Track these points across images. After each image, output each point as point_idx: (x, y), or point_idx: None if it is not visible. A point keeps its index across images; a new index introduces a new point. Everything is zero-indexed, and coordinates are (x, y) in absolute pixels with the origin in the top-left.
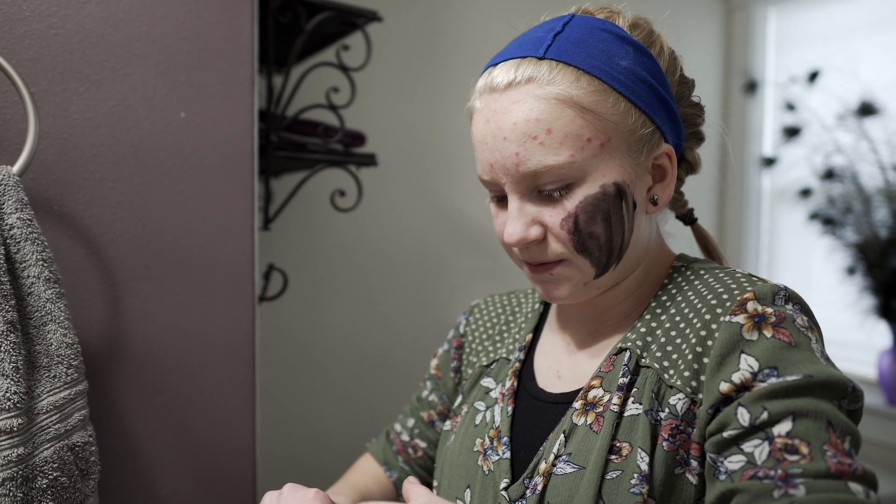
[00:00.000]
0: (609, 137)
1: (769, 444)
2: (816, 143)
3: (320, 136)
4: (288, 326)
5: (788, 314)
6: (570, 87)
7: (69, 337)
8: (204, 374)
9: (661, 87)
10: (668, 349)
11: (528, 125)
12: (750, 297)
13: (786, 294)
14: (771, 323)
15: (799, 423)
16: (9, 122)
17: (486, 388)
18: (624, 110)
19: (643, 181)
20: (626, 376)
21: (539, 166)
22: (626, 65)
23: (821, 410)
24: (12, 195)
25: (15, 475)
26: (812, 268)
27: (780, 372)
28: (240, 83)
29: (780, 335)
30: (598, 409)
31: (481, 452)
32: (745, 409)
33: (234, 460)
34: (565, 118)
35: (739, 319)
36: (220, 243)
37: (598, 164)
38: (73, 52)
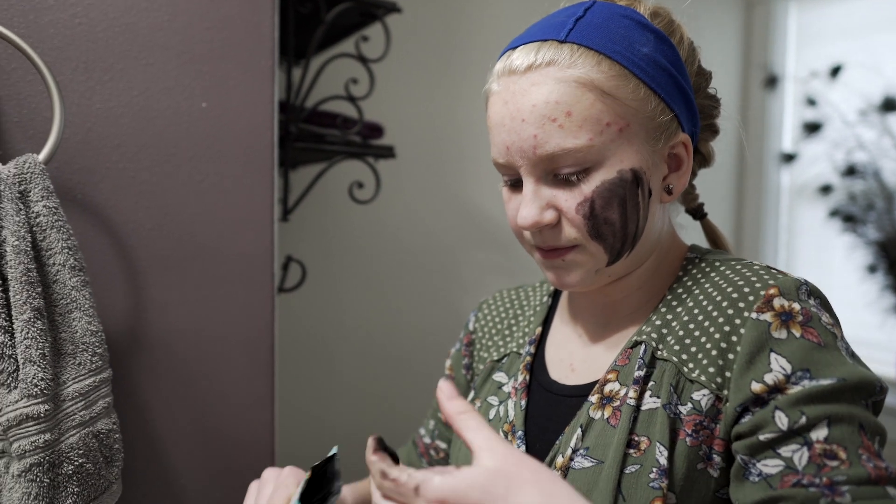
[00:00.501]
0: (628, 123)
1: (808, 449)
2: (837, 139)
3: (339, 128)
4: (306, 317)
5: (814, 312)
6: (591, 71)
7: (94, 325)
8: (223, 363)
9: (681, 76)
10: (686, 342)
11: (548, 107)
12: (775, 292)
13: (807, 288)
14: (799, 322)
15: (835, 428)
16: (34, 111)
17: (498, 383)
18: (644, 96)
19: (659, 169)
20: (641, 369)
21: (557, 149)
22: (647, 51)
23: (853, 414)
24: (39, 183)
25: (42, 461)
26: (832, 266)
27: (813, 374)
28: (260, 74)
29: (809, 335)
30: (614, 403)
31: None
32: (783, 412)
33: (252, 449)
34: (585, 101)
35: (767, 317)
36: (240, 234)
37: (616, 149)
38: (97, 41)
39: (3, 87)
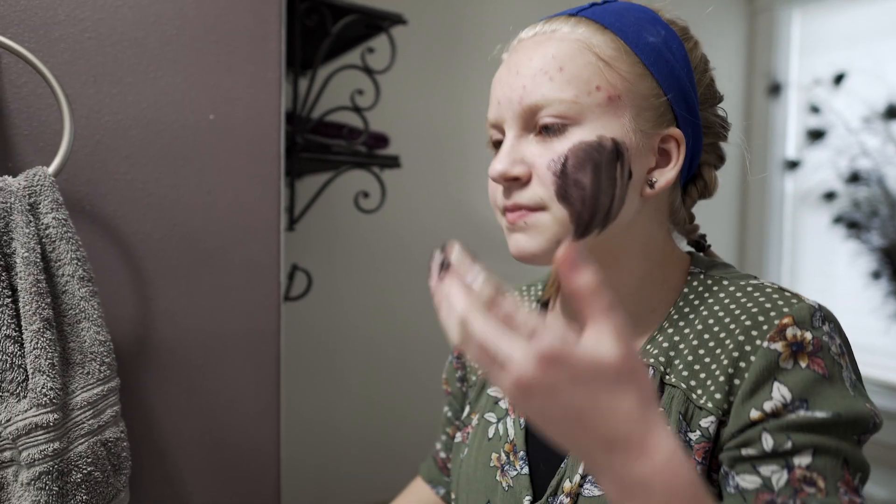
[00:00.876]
0: (619, 94)
1: (788, 472)
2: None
3: (345, 138)
4: (312, 325)
5: (825, 342)
6: (592, 37)
7: (102, 334)
8: (229, 372)
9: (684, 74)
10: (695, 368)
11: (543, 61)
12: (789, 322)
13: (822, 315)
14: (808, 353)
15: (819, 459)
16: (44, 123)
17: (494, 398)
18: (640, 74)
19: (645, 158)
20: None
21: (541, 99)
22: (653, 41)
23: (840, 449)
24: (48, 195)
25: (51, 469)
26: (836, 272)
27: (811, 406)
28: (267, 86)
29: (815, 366)
30: None
31: (499, 468)
32: (770, 435)
33: (258, 457)
34: (580, 61)
35: (778, 347)
36: (247, 244)
37: (601, 115)
38: (106, 55)
39: (13, 100)
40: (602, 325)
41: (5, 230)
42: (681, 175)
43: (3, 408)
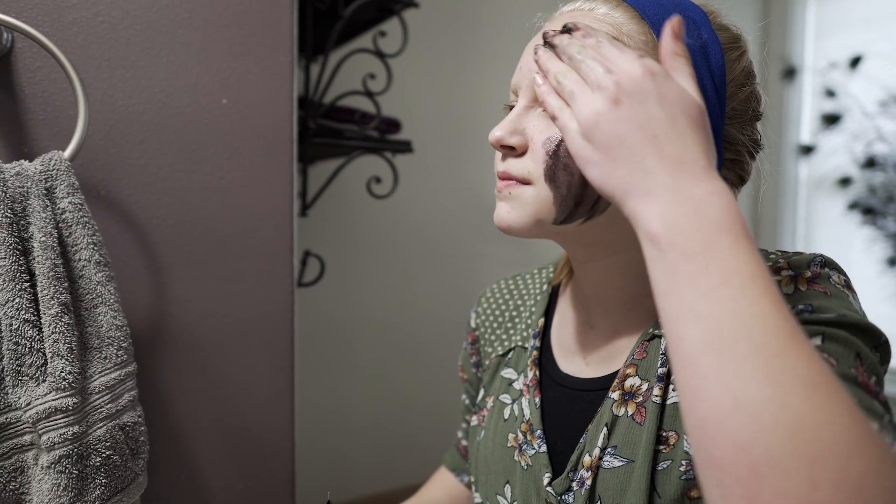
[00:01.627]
0: None
1: None
2: (857, 131)
3: (357, 123)
4: (324, 311)
5: (824, 273)
6: (624, 24)
7: (119, 319)
8: (244, 357)
9: (713, 85)
10: None
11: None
12: (784, 266)
13: (822, 259)
14: (806, 278)
15: (829, 343)
16: (58, 108)
17: (508, 380)
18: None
19: None
20: (665, 366)
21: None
22: (689, 43)
23: (851, 341)
24: (64, 179)
25: (70, 453)
26: (851, 258)
27: (815, 309)
28: (280, 70)
29: (815, 287)
30: (637, 399)
31: (516, 447)
32: None
33: (273, 441)
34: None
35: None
36: (260, 229)
37: None
38: (119, 39)
39: (27, 85)
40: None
41: (23, 214)
42: None
43: (22, 392)
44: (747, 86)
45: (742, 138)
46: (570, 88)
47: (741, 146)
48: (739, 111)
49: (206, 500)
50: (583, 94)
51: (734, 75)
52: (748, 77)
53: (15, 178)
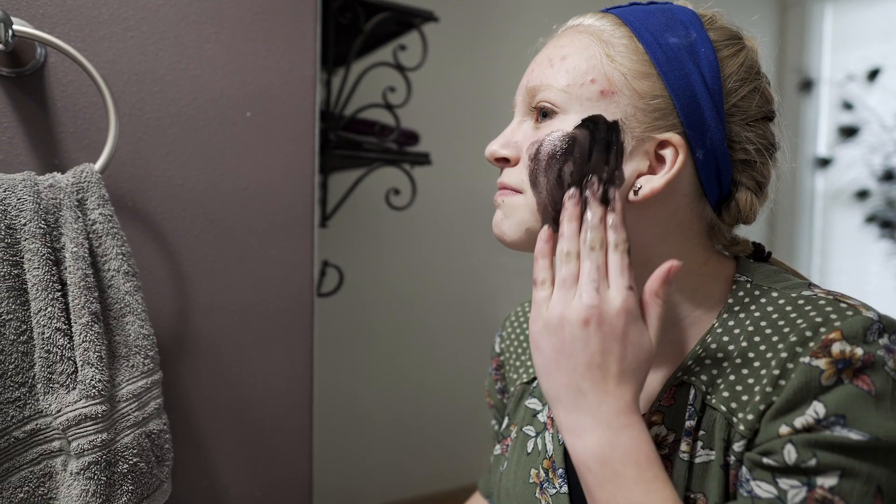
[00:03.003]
0: (614, 91)
1: (808, 490)
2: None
3: (376, 135)
4: (342, 321)
5: (879, 357)
6: (606, 32)
7: (146, 328)
8: (263, 367)
9: (703, 82)
10: (737, 388)
11: (554, 50)
12: (836, 336)
13: (879, 327)
14: (855, 369)
15: (845, 482)
16: (89, 121)
17: (532, 411)
18: (644, 73)
19: (636, 160)
20: (693, 418)
21: (538, 83)
22: (675, 42)
23: (873, 476)
24: (95, 191)
25: (99, 459)
26: (868, 272)
27: (848, 422)
28: (302, 83)
29: (861, 382)
30: (662, 451)
31: (538, 484)
32: (795, 448)
33: (292, 449)
34: (584, 53)
35: (821, 364)
36: (281, 240)
37: (589, 108)
38: (148, 53)
39: (60, 98)
40: (657, 327)
41: (55, 225)
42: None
43: (53, 399)
44: (749, 82)
45: (749, 136)
46: (563, 277)
47: (749, 144)
48: (742, 107)
49: None
50: (566, 291)
51: (731, 70)
52: (749, 73)
53: (48, 190)
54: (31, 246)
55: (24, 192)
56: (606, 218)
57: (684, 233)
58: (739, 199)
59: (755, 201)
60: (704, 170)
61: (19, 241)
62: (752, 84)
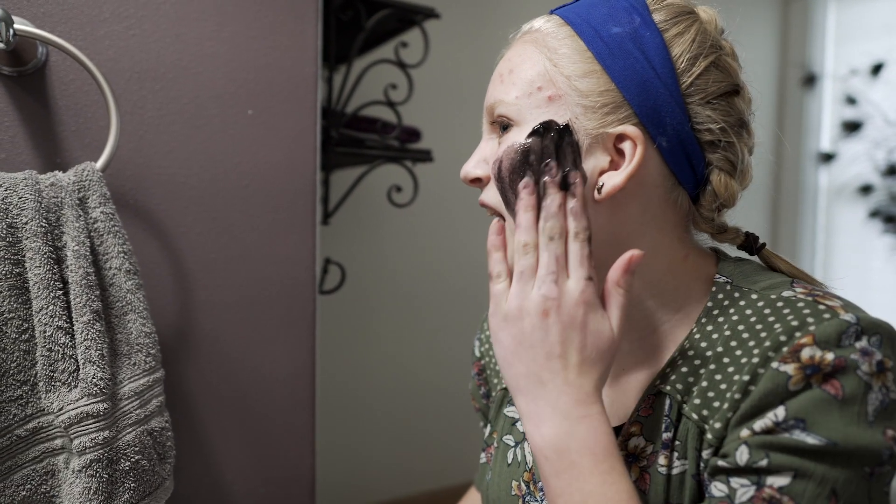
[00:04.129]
0: (560, 94)
1: (756, 489)
2: (878, 138)
3: (378, 133)
4: (345, 319)
5: (851, 361)
6: (548, 36)
7: (147, 326)
8: (265, 364)
9: (650, 68)
10: (709, 395)
11: (504, 64)
12: (808, 341)
13: (857, 329)
14: (824, 374)
15: (797, 483)
16: (90, 119)
17: (511, 419)
18: (587, 71)
19: (595, 158)
20: (669, 430)
21: (493, 101)
22: (618, 31)
23: (828, 478)
24: (96, 190)
25: (101, 457)
26: (871, 268)
27: (807, 426)
28: (304, 81)
29: (829, 387)
30: (641, 463)
31: (520, 497)
32: (748, 448)
33: (294, 447)
34: (529, 63)
35: (789, 369)
36: (283, 237)
37: (539, 115)
38: (149, 51)
39: (61, 97)
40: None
41: (56, 224)
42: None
43: (55, 397)
44: (703, 58)
45: (711, 115)
46: (521, 269)
47: (713, 124)
48: (699, 86)
49: (228, 503)
50: (524, 283)
51: (681, 49)
52: (702, 47)
53: (50, 189)
54: (33, 244)
55: (26, 191)
56: (567, 204)
57: (660, 226)
58: (713, 180)
59: (730, 182)
60: (672, 156)
61: (21, 239)
62: (707, 59)
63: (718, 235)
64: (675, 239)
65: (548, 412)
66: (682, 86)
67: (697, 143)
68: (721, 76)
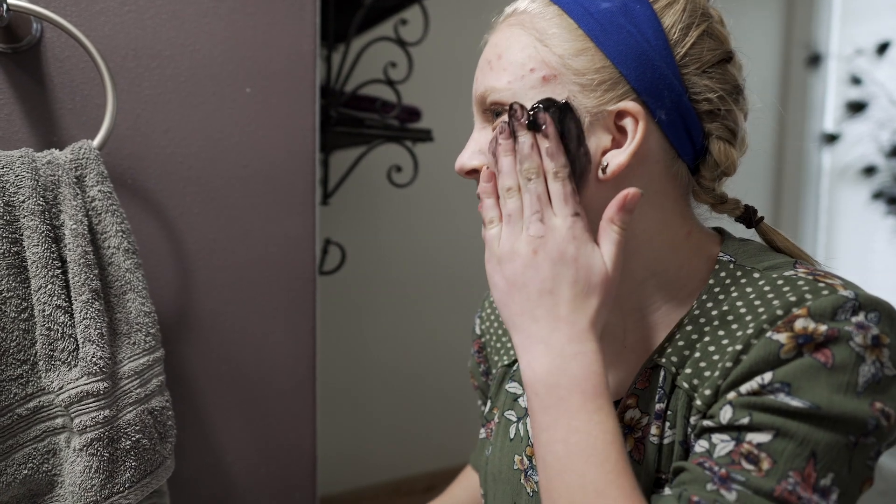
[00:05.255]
0: (555, 74)
1: (735, 444)
2: (883, 119)
3: (378, 112)
4: (345, 299)
5: (844, 332)
6: (536, 16)
7: (147, 306)
8: (266, 344)
9: (645, 40)
10: (701, 365)
11: (490, 50)
12: (802, 313)
13: (854, 304)
14: (816, 343)
15: (777, 441)
16: (86, 97)
17: (513, 395)
18: (580, 48)
19: (597, 136)
20: (662, 401)
21: (484, 89)
22: (607, 6)
23: (809, 439)
24: (94, 168)
25: (102, 436)
26: (874, 249)
27: (792, 391)
28: (302, 59)
29: (820, 355)
30: (636, 434)
31: (522, 471)
32: (731, 408)
33: (295, 427)
34: (517, 45)
35: (781, 338)
36: (283, 217)
37: (537, 96)
38: (146, 28)
39: (57, 75)
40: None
41: (54, 202)
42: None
43: (55, 376)
44: (696, 27)
45: (708, 84)
46: (508, 212)
47: (710, 93)
48: (694, 55)
49: (229, 483)
50: (513, 226)
51: (673, 20)
52: (693, 16)
53: (46, 167)
54: (31, 223)
55: (23, 169)
56: (539, 145)
57: (661, 202)
58: (713, 150)
59: (730, 150)
60: (672, 129)
61: (18, 218)
62: (699, 28)
63: (718, 206)
64: (676, 214)
65: (541, 349)
66: (676, 57)
67: (696, 113)
68: (714, 44)
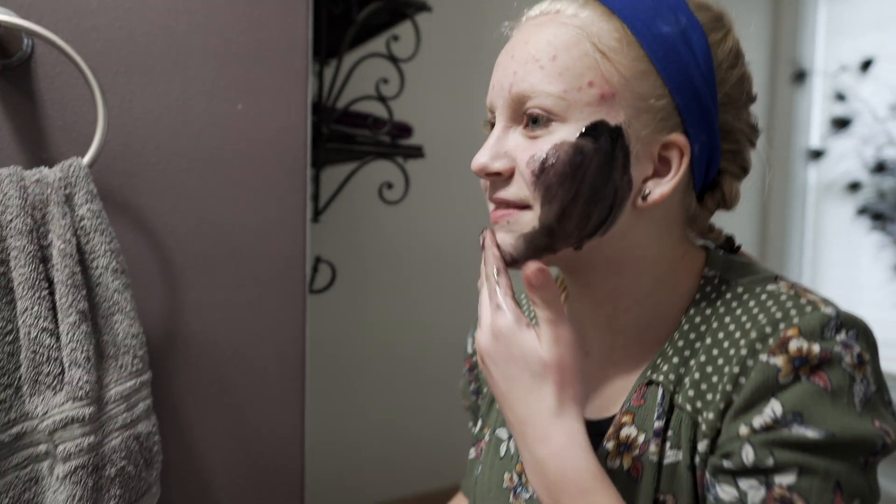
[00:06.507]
0: (614, 93)
1: (767, 490)
2: (867, 135)
3: (369, 128)
4: (335, 318)
5: (836, 354)
6: (594, 24)
7: (135, 327)
8: (256, 364)
9: (701, 74)
10: (702, 387)
11: (538, 47)
12: (793, 333)
13: (837, 322)
14: (812, 366)
15: (803, 479)
16: (77, 114)
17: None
18: (643, 70)
19: (641, 166)
20: (661, 419)
21: (528, 88)
22: (668, 31)
23: (831, 471)
24: (83, 186)
25: (86, 463)
26: (859, 265)
27: (805, 420)
28: (294, 75)
29: (818, 379)
30: (633, 452)
31: (511, 489)
32: (752, 448)
33: (283, 449)
34: (576, 51)
35: (778, 362)
36: (273, 235)
37: (590, 114)
38: (138, 45)
39: (47, 91)
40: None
41: (42, 222)
42: (693, 183)
43: (39, 401)
44: (737, 67)
45: (739, 125)
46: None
47: (739, 134)
48: (733, 96)
49: None
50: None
51: (721, 58)
52: (737, 58)
53: (35, 185)
54: (18, 243)
55: (10, 188)
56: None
57: (670, 227)
58: (725, 186)
59: (738, 186)
60: (698, 164)
61: (5, 238)
62: (739, 70)
63: (707, 234)
64: (676, 238)
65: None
66: (719, 94)
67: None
68: (746, 86)
